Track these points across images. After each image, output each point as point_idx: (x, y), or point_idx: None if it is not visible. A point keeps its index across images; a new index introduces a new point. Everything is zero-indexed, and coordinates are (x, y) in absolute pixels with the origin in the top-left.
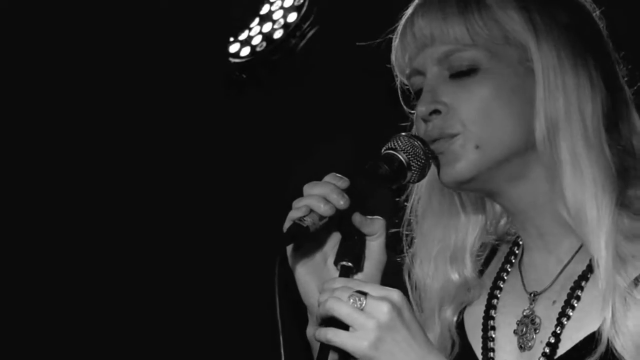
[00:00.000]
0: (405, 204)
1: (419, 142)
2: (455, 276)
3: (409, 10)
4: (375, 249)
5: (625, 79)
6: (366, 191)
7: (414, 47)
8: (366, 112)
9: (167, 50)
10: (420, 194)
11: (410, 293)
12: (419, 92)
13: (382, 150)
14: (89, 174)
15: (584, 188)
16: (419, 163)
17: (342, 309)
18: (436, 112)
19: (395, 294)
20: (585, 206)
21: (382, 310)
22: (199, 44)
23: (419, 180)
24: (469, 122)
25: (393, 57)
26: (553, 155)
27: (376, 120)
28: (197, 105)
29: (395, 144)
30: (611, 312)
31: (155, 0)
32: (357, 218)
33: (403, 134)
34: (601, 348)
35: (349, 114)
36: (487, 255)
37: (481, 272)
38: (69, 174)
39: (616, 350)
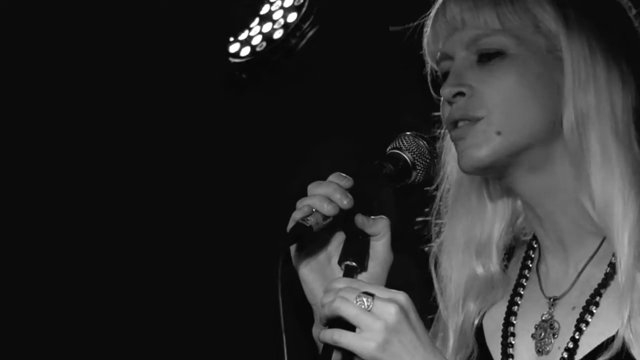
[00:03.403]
0: (435, 193)
1: (424, 141)
2: (480, 269)
3: None
4: (380, 249)
5: None
6: (370, 191)
7: (445, 31)
8: (367, 112)
9: (167, 50)
10: (450, 184)
11: (435, 282)
12: (446, 76)
13: (387, 149)
14: (89, 174)
15: (612, 181)
16: (424, 162)
17: (349, 310)
18: (460, 94)
19: (401, 295)
20: (612, 199)
21: (389, 312)
22: (199, 44)
23: (424, 180)
24: (493, 106)
25: (425, 43)
26: (582, 147)
27: (378, 120)
28: (197, 105)
29: (400, 143)
30: (628, 312)
31: (155, 0)
32: (359, 219)
33: (408, 133)
34: (618, 352)
35: (349, 114)
36: (508, 252)
37: (506, 267)
38: (69, 174)
39: (632, 355)
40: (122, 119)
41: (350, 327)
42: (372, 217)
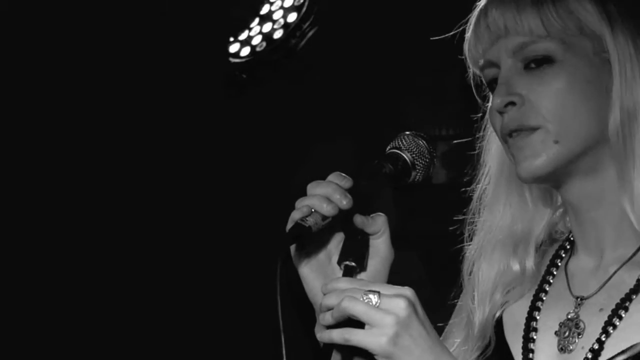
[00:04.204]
0: (471, 195)
1: (423, 141)
2: (516, 266)
3: (482, 2)
4: (380, 247)
5: None
6: (370, 191)
7: (488, 38)
8: (366, 112)
9: (167, 50)
10: (488, 182)
11: (464, 278)
12: (491, 83)
13: (387, 149)
14: (89, 174)
15: None
16: (423, 162)
17: (358, 308)
18: (511, 103)
19: (408, 290)
20: None
21: (399, 306)
22: (199, 44)
23: (423, 180)
24: (548, 114)
25: (466, 49)
26: (626, 147)
27: (377, 120)
28: (197, 105)
29: (400, 143)
30: None
31: (156, 1)
32: (358, 220)
33: (407, 132)
34: None
35: (349, 113)
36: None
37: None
38: (69, 174)
39: None
40: (123, 119)
41: (357, 326)
42: (371, 215)
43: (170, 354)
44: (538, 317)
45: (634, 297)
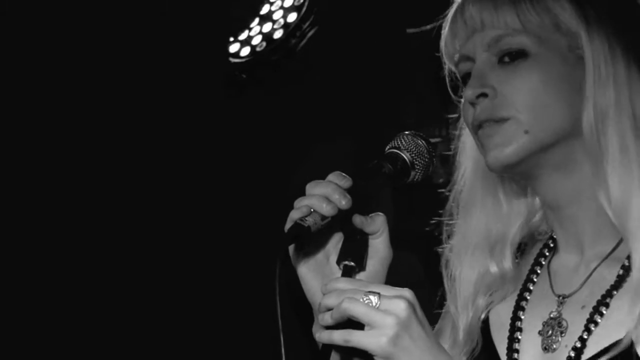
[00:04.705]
0: (448, 193)
1: (422, 140)
2: (494, 268)
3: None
4: (379, 247)
5: None
6: (369, 191)
7: (464, 33)
8: (367, 112)
9: (167, 50)
10: (464, 184)
11: (445, 282)
12: (465, 78)
13: (386, 149)
14: (89, 174)
15: (630, 179)
16: (422, 162)
17: (358, 308)
18: (483, 95)
19: (407, 292)
20: (630, 197)
21: (399, 307)
22: (199, 44)
23: (422, 179)
24: (520, 106)
25: (442, 44)
26: (600, 145)
27: (377, 120)
28: (197, 105)
29: (399, 142)
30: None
31: (156, 1)
32: (357, 220)
33: (406, 132)
34: (627, 349)
35: (349, 113)
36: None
37: (517, 264)
38: (69, 174)
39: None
40: (123, 118)
41: (357, 327)
42: (370, 215)
43: (170, 354)
44: (523, 317)
45: (615, 293)
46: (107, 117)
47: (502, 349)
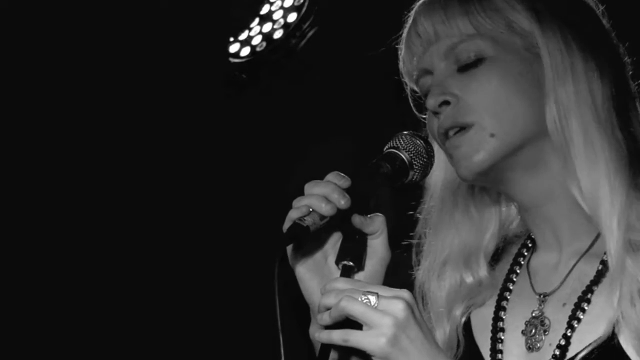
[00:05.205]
0: (419, 216)
1: (421, 140)
2: (469, 279)
3: (411, 14)
4: (378, 247)
5: (630, 72)
6: (368, 190)
7: (420, 46)
8: (366, 112)
9: (167, 50)
10: (433, 200)
11: (416, 295)
12: (427, 94)
13: (384, 149)
14: (89, 174)
15: (597, 168)
16: (421, 162)
17: (356, 308)
18: (445, 103)
19: (406, 293)
20: (599, 186)
21: (398, 308)
22: (199, 44)
23: (421, 179)
24: (482, 110)
25: (401, 64)
26: (566, 138)
27: (376, 120)
28: (197, 105)
29: (397, 142)
30: (618, 295)
31: (155, 0)
32: (356, 220)
33: (405, 132)
34: (609, 337)
35: (349, 113)
36: (494, 253)
37: (493, 269)
38: (69, 174)
39: (622, 346)
40: (122, 118)
41: (356, 327)
42: (369, 215)
43: (168, 354)
44: (504, 317)
45: (595, 288)
46: (107, 117)
47: (485, 350)
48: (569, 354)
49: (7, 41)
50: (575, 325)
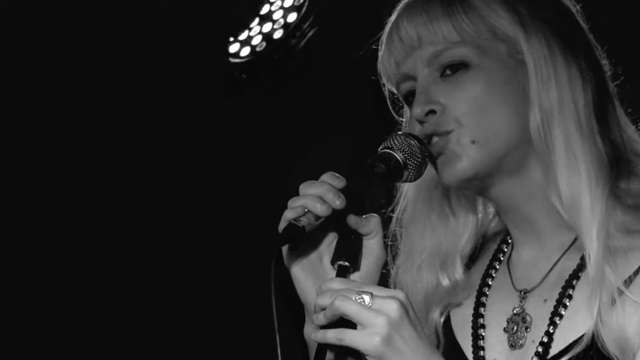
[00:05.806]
0: (392, 215)
1: (415, 141)
2: (445, 281)
3: (393, 17)
4: (373, 247)
5: (609, 73)
6: (362, 191)
7: (402, 51)
8: (366, 112)
9: (167, 50)
10: (407, 203)
11: None
12: (407, 97)
13: (379, 149)
14: (88, 174)
15: (578, 177)
16: (415, 162)
17: (351, 307)
18: (432, 112)
19: (400, 293)
20: (579, 194)
21: (392, 307)
22: (199, 44)
23: (415, 179)
24: (463, 117)
25: (380, 65)
26: (547, 145)
27: (375, 121)
28: (197, 105)
29: (392, 142)
30: (597, 305)
31: (155, 0)
32: (352, 220)
33: (400, 132)
34: (588, 345)
35: (348, 114)
36: (473, 252)
37: (467, 267)
38: (69, 174)
39: (601, 349)
40: (122, 118)
41: (351, 327)
42: (364, 215)
43: (166, 354)
44: (484, 313)
45: (575, 282)
46: (107, 117)
47: (466, 346)
48: (552, 351)
49: (7, 41)
50: (558, 322)
